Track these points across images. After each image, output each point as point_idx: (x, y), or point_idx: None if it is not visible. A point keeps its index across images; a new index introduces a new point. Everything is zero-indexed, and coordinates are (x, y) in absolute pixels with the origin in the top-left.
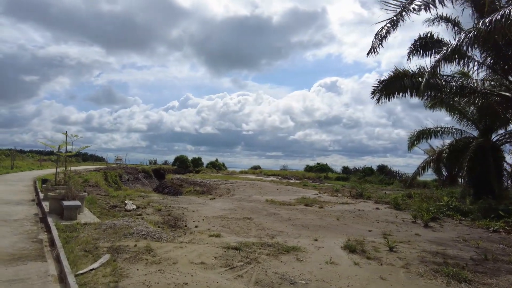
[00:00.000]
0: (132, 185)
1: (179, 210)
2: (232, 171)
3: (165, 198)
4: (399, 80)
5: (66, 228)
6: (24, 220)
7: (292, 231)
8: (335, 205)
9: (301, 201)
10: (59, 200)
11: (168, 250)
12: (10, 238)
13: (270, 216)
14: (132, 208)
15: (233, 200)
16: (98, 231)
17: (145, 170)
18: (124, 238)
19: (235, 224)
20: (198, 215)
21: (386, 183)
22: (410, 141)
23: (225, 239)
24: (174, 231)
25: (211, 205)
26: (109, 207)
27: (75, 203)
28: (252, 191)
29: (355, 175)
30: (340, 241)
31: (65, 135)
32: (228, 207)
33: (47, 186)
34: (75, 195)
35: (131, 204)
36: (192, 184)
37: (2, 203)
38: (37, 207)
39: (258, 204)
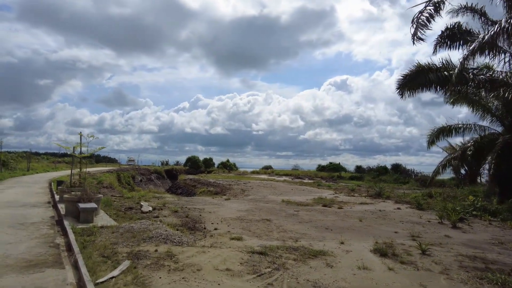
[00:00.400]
0: (145, 186)
1: (196, 211)
2: (244, 171)
3: (180, 199)
4: (424, 74)
5: (83, 232)
6: (41, 223)
7: (315, 233)
8: (355, 206)
9: (318, 202)
10: (75, 203)
11: (190, 255)
12: (27, 243)
13: (290, 217)
14: (148, 210)
15: (248, 200)
16: (115, 235)
17: (157, 171)
18: (143, 243)
19: (255, 226)
20: (216, 217)
21: (401, 182)
22: (430, 139)
23: (248, 242)
24: (194, 234)
25: (227, 206)
26: (125, 209)
27: (91, 206)
28: (266, 192)
29: (369, 174)
30: (368, 244)
31: (79, 136)
32: (245, 208)
33: (62, 188)
34: (91, 197)
35: (147, 205)
36: (205, 185)
37: (19, 205)
38: (53, 210)
39: (275, 204)
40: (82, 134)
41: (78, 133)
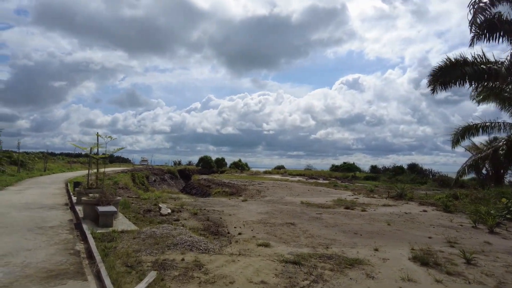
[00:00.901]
0: (159, 186)
1: (215, 213)
2: (256, 171)
3: (196, 200)
4: (458, 68)
5: (103, 237)
6: (59, 227)
7: (345, 239)
8: (378, 208)
9: (339, 203)
10: (93, 206)
11: (219, 265)
12: (46, 250)
13: (314, 221)
14: (167, 213)
15: (266, 202)
16: (137, 241)
17: (170, 171)
18: (168, 250)
19: (279, 230)
20: (237, 220)
21: (419, 182)
22: (454, 138)
23: (276, 249)
24: (218, 240)
25: (245, 208)
26: (144, 212)
27: (110, 209)
28: (282, 192)
29: (384, 174)
30: (404, 250)
31: (96, 137)
32: (265, 210)
33: (79, 190)
34: (110, 199)
35: (165, 208)
36: (219, 185)
37: (37, 207)
38: (71, 212)
39: (294, 206)
40: (99, 135)
41: (94, 133)
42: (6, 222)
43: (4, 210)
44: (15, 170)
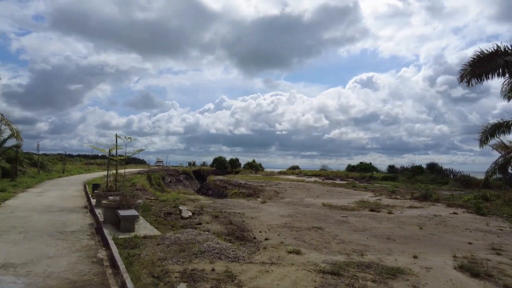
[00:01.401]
0: (174, 187)
1: (237, 216)
2: (271, 172)
3: (215, 202)
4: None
5: (125, 243)
6: (80, 232)
7: (379, 244)
8: (404, 210)
9: (362, 205)
10: (114, 209)
11: (253, 276)
12: (68, 257)
13: (341, 224)
14: (188, 216)
15: (286, 204)
16: (162, 248)
17: (186, 171)
18: (195, 258)
19: (307, 235)
20: (260, 223)
21: (439, 182)
22: (483, 136)
23: (308, 257)
24: (245, 245)
25: (266, 210)
26: (164, 215)
27: (132, 213)
28: (301, 194)
29: (403, 174)
30: (446, 258)
31: (115, 138)
32: (287, 213)
33: (98, 192)
34: (130, 202)
35: (186, 210)
36: (236, 186)
37: (57, 210)
38: (90, 216)
39: (316, 209)
40: (119, 136)
41: (110, 135)
42: (27, 226)
43: (26, 213)
44: (35, 172)
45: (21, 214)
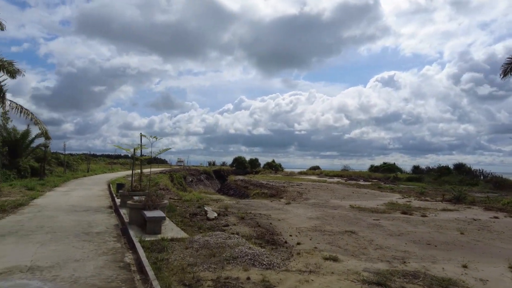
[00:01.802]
0: (196, 187)
1: (263, 218)
2: (291, 172)
3: (238, 202)
4: None
5: (152, 246)
6: (106, 233)
7: (419, 251)
8: (438, 213)
9: (392, 208)
10: (140, 210)
11: (292, 286)
12: (95, 261)
13: (374, 228)
14: (214, 217)
15: (312, 205)
16: (190, 252)
17: (206, 171)
18: (227, 265)
19: (341, 240)
20: (288, 226)
21: (469, 183)
22: None
23: (347, 264)
24: (276, 250)
25: (293, 212)
26: (190, 215)
27: (159, 215)
28: (326, 195)
29: (428, 175)
30: (501, 269)
31: (140, 137)
32: (315, 215)
33: (123, 192)
34: (156, 203)
35: (211, 211)
36: (258, 186)
37: (83, 210)
38: (115, 216)
39: (344, 211)
40: (144, 135)
41: (132, 135)
42: (54, 226)
43: (52, 213)
44: (62, 171)
45: (48, 213)
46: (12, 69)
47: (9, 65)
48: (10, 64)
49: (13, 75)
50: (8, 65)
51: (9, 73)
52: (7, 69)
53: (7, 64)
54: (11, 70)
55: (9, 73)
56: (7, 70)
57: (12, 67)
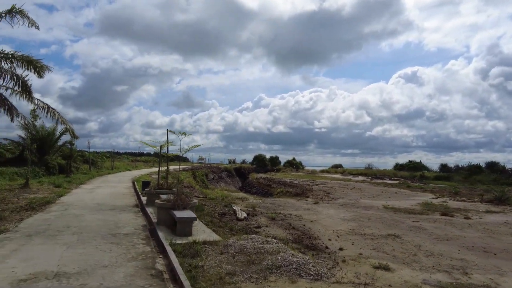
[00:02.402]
0: (217, 184)
1: (294, 219)
2: (313, 170)
3: (264, 201)
4: None
5: (184, 251)
6: (134, 235)
7: (477, 259)
8: (483, 215)
9: (428, 208)
10: (168, 209)
11: None
12: (124, 268)
13: (417, 231)
14: (243, 217)
15: (342, 206)
16: (226, 258)
17: (227, 169)
18: (271, 275)
19: (385, 245)
20: (324, 228)
21: (504, 183)
22: None
23: (401, 274)
24: (318, 256)
25: (324, 213)
26: (219, 215)
27: (189, 216)
28: (354, 194)
29: (458, 173)
30: None
31: (166, 134)
32: (349, 216)
33: (150, 191)
34: (186, 203)
35: (240, 211)
36: (281, 185)
37: (109, 209)
38: (142, 216)
39: (379, 212)
40: (172, 131)
41: (154, 133)
42: (81, 226)
43: (79, 211)
44: (87, 168)
45: (74, 212)
46: (40, 66)
47: (37, 63)
48: (37, 62)
49: (40, 74)
50: (36, 63)
51: (36, 71)
52: (35, 67)
53: (35, 62)
54: (39, 66)
55: (36, 71)
56: (34, 68)
57: (39, 65)
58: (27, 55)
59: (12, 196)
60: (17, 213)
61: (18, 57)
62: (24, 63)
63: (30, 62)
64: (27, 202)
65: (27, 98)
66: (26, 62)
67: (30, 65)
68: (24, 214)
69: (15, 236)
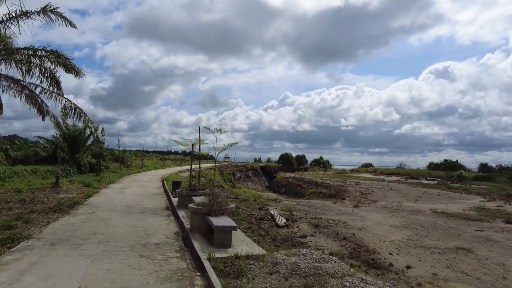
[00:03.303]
0: (244, 183)
1: (339, 226)
2: (342, 170)
3: (299, 203)
4: None
5: (226, 267)
6: (166, 245)
7: None
8: None
9: (485, 214)
10: (204, 215)
11: None
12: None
13: (488, 244)
14: (283, 223)
15: (386, 209)
16: (278, 281)
17: (253, 168)
18: None
19: (459, 262)
20: (377, 238)
21: None
22: None
23: None
24: (384, 277)
25: (369, 219)
26: (256, 221)
27: (229, 224)
28: (394, 196)
29: (501, 174)
30: None
31: (198, 131)
32: (399, 223)
33: (181, 192)
34: (223, 207)
35: (279, 216)
36: (312, 185)
37: (138, 211)
38: (174, 221)
39: (429, 217)
40: (207, 127)
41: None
42: (108, 233)
43: (106, 214)
44: (117, 167)
45: (102, 215)
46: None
47: (66, 60)
48: (66, 59)
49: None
50: (65, 60)
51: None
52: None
53: (64, 58)
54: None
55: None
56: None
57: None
58: (56, 49)
59: (42, 195)
60: (45, 215)
61: (47, 53)
62: (53, 60)
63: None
64: (55, 202)
65: (56, 93)
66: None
67: (59, 59)
68: (51, 216)
69: (37, 245)
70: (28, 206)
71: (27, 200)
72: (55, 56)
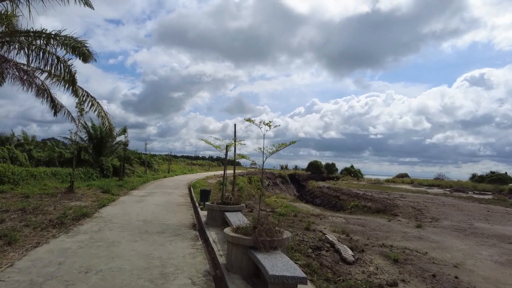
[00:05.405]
0: (272, 191)
1: (422, 260)
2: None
3: (348, 221)
4: None
5: None
6: None
7: None
8: None
9: None
10: (247, 249)
11: None
12: None
13: None
14: (352, 258)
15: (459, 232)
16: None
17: (281, 175)
18: None
19: None
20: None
21: None
22: None
23: None
24: None
25: (450, 247)
26: (314, 253)
27: (292, 274)
28: (455, 214)
29: None
30: None
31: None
32: (498, 256)
33: (212, 206)
34: (276, 238)
35: (342, 245)
36: (353, 197)
37: (156, 231)
38: (203, 247)
39: None
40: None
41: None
42: (107, 271)
43: (115, 235)
44: (143, 171)
45: (109, 235)
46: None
47: (82, 45)
48: (82, 44)
49: (85, 59)
50: (81, 46)
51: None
52: (79, 51)
53: (80, 45)
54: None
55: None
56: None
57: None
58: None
59: (50, 203)
60: (40, 231)
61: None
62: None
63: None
64: (61, 213)
65: (70, 84)
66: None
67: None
68: (48, 234)
69: None
70: (26, 217)
71: (29, 209)
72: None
